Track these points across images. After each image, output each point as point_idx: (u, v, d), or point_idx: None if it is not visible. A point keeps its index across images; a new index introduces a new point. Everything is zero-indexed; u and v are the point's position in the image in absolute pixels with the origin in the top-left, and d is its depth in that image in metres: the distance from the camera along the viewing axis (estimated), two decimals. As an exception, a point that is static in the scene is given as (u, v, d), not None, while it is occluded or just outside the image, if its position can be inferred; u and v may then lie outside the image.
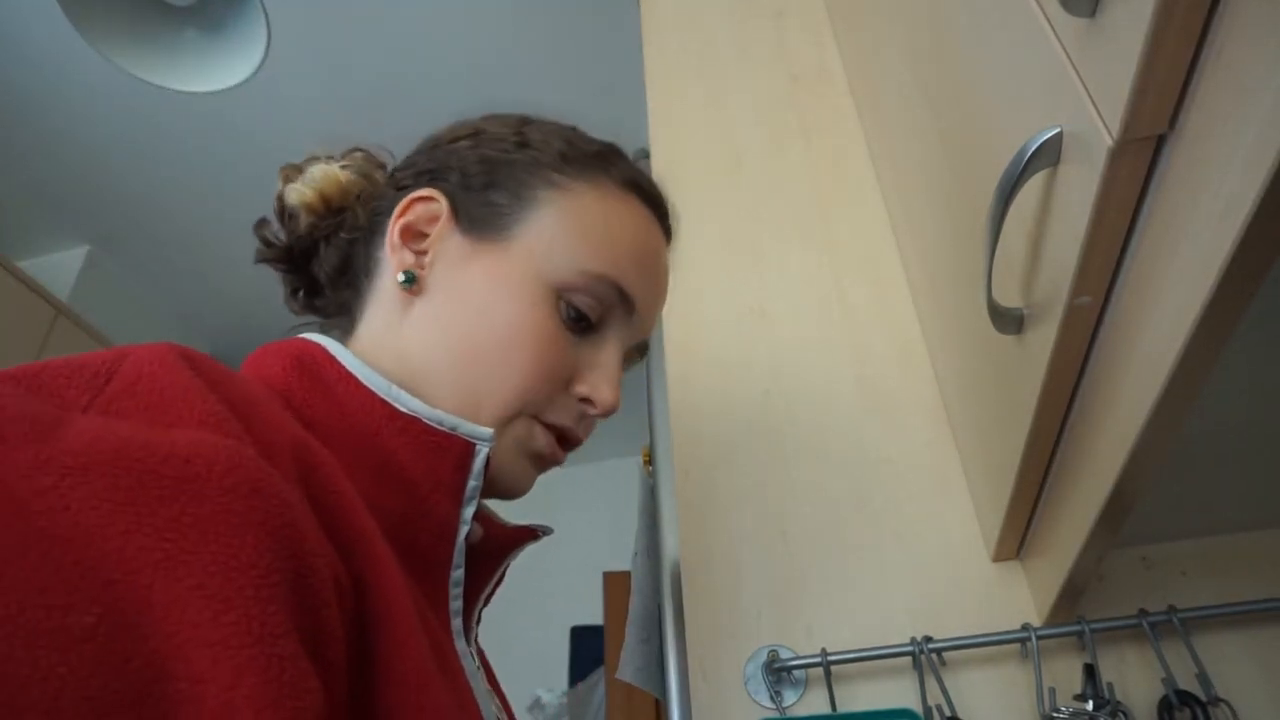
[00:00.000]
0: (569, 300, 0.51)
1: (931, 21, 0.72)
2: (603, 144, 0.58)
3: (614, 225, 0.54)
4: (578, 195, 0.53)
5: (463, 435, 0.46)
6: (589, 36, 1.96)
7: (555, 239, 0.51)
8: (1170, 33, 0.36)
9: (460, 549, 0.47)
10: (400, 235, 0.53)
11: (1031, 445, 0.60)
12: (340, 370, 0.47)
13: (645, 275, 0.55)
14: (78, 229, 2.43)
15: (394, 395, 0.46)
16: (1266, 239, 0.35)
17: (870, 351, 0.93)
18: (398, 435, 0.45)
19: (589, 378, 0.52)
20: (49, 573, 0.25)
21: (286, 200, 0.58)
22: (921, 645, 0.71)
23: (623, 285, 0.53)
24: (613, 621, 2.06)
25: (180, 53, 1.75)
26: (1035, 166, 0.47)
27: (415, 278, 0.52)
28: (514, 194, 0.53)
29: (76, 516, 0.27)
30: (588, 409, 0.53)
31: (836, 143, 1.10)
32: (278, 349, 0.48)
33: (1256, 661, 0.69)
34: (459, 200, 0.53)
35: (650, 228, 0.57)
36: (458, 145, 0.56)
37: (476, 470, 0.46)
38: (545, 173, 0.54)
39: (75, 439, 0.29)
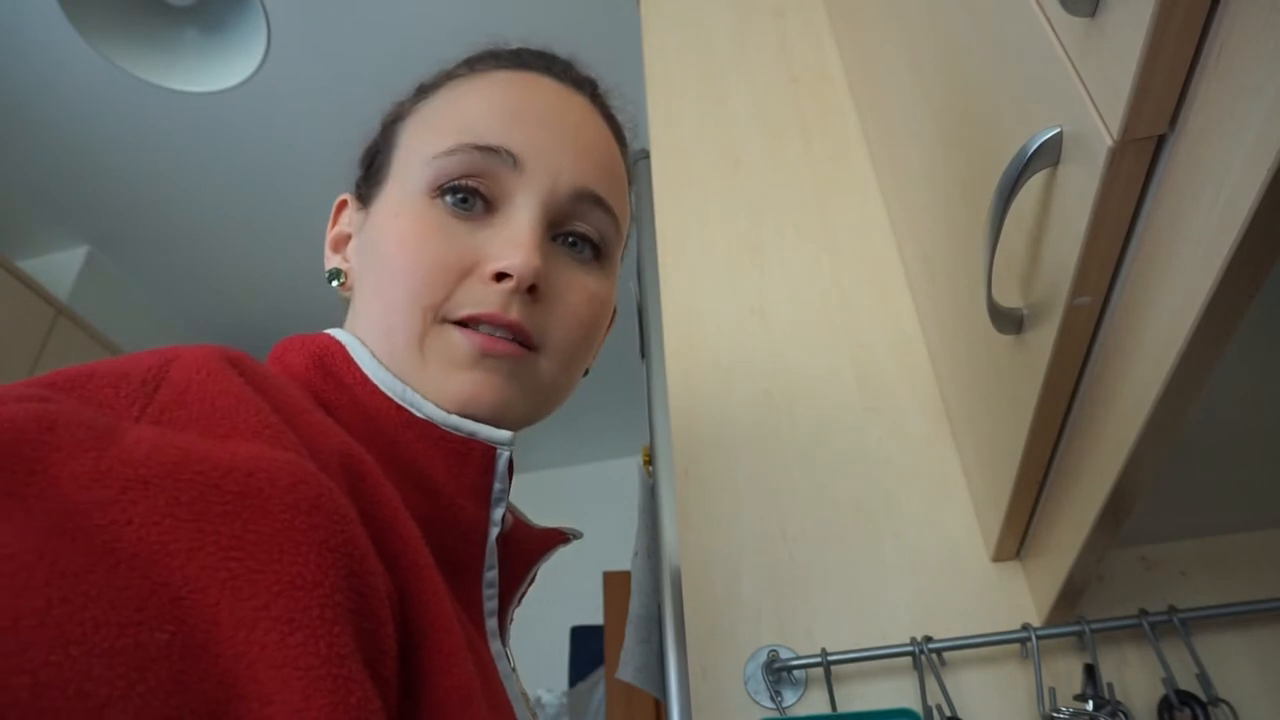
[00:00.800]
0: (440, 187, 0.47)
1: (931, 21, 0.72)
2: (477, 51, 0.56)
3: (462, 102, 0.51)
4: (429, 106, 0.52)
5: (482, 440, 0.45)
6: (589, 36, 1.96)
7: (409, 153, 0.50)
8: (1170, 33, 0.36)
9: (492, 550, 0.46)
10: (331, 245, 0.54)
11: (1031, 445, 0.60)
12: (357, 373, 0.45)
13: (519, 123, 0.49)
14: (78, 229, 2.43)
15: (408, 399, 0.45)
16: (1266, 239, 0.35)
17: (870, 351, 0.93)
18: (417, 440, 0.44)
19: (497, 249, 0.46)
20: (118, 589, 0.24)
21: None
22: (921, 645, 0.71)
23: (481, 142, 0.47)
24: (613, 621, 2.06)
25: (180, 53, 1.75)
26: (1035, 166, 0.47)
27: (340, 273, 0.53)
28: (383, 149, 0.53)
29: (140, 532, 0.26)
30: (506, 284, 0.46)
31: (836, 143, 1.10)
32: (302, 344, 0.47)
33: (1256, 661, 0.69)
34: (359, 186, 0.55)
35: (516, 80, 0.52)
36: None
37: (500, 473, 0.45)
38: (405, 111, 0.54)
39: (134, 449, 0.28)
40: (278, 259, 2.54)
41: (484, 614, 0.46)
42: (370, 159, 0.55)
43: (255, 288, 2.67)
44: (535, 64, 0.54)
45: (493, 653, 0.46)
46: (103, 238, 2.46)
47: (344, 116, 2.09)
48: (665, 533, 0.87)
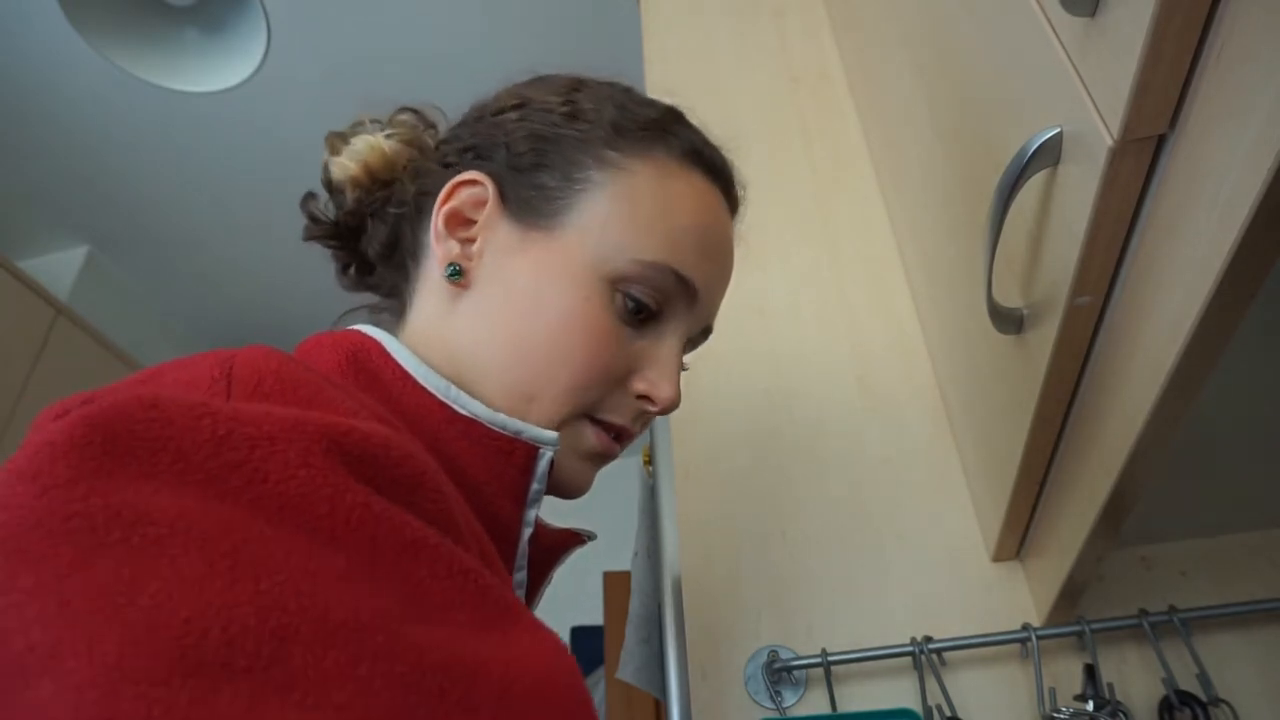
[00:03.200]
0: (625, 292, 0.48)
1: (931, 21, 0.72)
2: (660, 108, 0.54)
3: (673, 206, 0.50)
4: (632, 174, 0.50)
5: (526, 439, 0.45)
6: (589, 36, 1.96)
7: (609, 225, 0.48)
8: (1170, 33, 0.36)
9: (523, 551, 0.46)
10: (445, 223, 0.50)
11: (1031, 445, 0.60)
12: (397, 369, 0.45)
13: (707, 257, 0.51)
14: (78, 229, 2.43)
15: (453, 397, 0.45)
16: (1266, 239, 0.35)
17: (870, 351, 0.93)
18: (459, 438, 0.44)
19: (648, 374, 0.49)
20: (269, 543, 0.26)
21: (331, 174, 0.55)
22: (921, 645, 0.71)
23: (682, 272, 0.49)
24: (613, 621, 2.06)
25: (180, 53, 1.75)
26: (1035, 166, 0.47)
27: (461, 270, 0.49)
28: (564, 175, 0.50)
29: (278, 487, 0.27)
30: (646, 406, 0.50)
31: (836, 143, 1.10)
32: (332, 342, 0.46)
33: (1257, 661, 0.69)
34: (506, 183, 0.50)
35: (713, 203, 0.53)
36: (503, 118, 0.53)
37: (540, 474, 0.45)
38: (597, 150, 0.50)
39: (246, 414, 0.28)
40: (278, 259, 2.54)
41: None
42: (533, 164, 0.50)
43: (255, 288, 2.67)
44: (724, 182, 0.55)
45: None
46: (103, 238, 2.46)
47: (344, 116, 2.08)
48: (665, 533, 0.87)
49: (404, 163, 0.55)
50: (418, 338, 0.50)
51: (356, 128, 0.57)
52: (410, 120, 0.57)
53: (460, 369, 0.48)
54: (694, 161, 0.53)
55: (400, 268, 0.54)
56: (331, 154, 0.56)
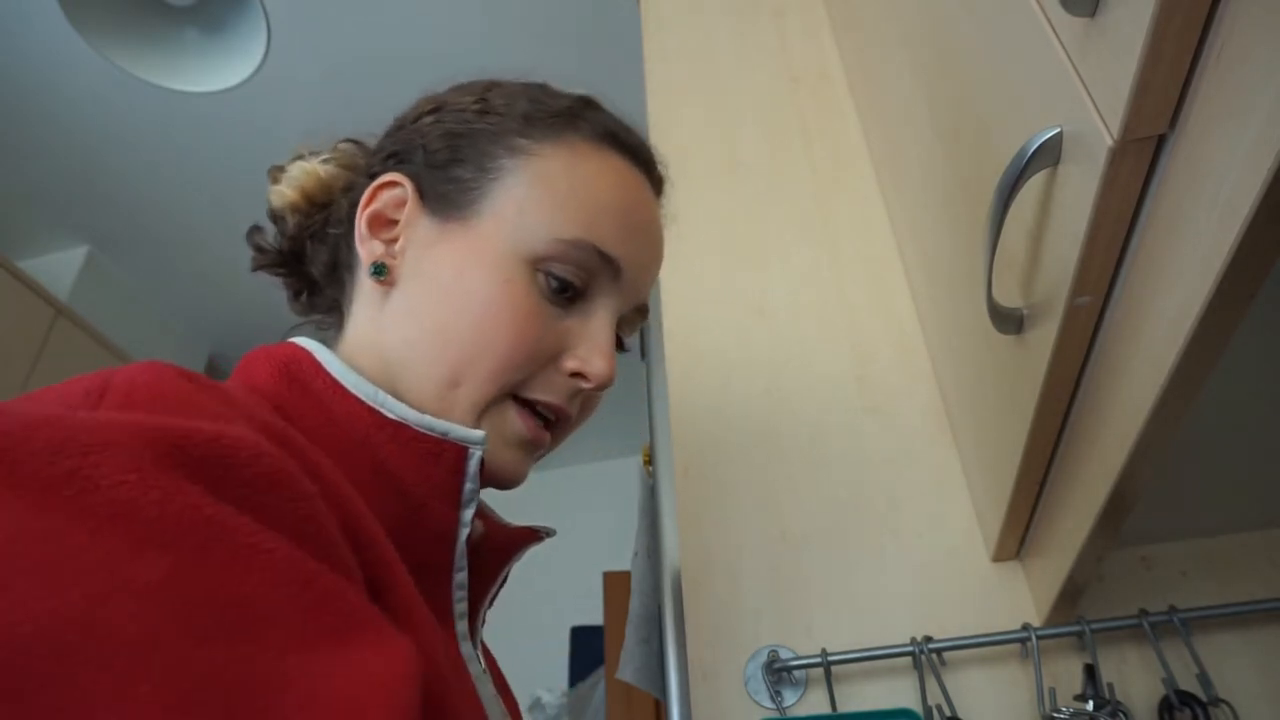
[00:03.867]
0: (547, 271, 0.48)
1: (931, 21, 0.72)
2: (573, 97, 0.55)
3: (587, 185, 0.51)
4: (546, 159, 0.51)
5: (454, 440, 0.45)
6: (589, 36, 1.96)
7: (525, 208, 0.49)
8: (1170, 33, 0.36)
9: (462, 552, 0.46)
10: (368, 226, 0.51)
11: (1031, 445, 0.60)
12: (326, 378, 0.46)
13: (629, 234, 0.52)
14: (78, 229, 2.43)
15: (380, 401, 0.45)
16: (1266, 239, 0.35)
17: (870, 351, 0.93)
18: (387, 442, 0.44)
19: (578, 351, 0.50)
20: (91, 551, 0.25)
21: (272, 204, 0.57)
22: (921, 645, 0.71)
23: (603, 248, 0.50)
24: (613, 621, 2.06)
25: (180, 53, 1.75)
26: (1035, 166, 0.47)
27: (385, 268, 0.50)
28: (478, 166, 0.51)
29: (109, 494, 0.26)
30: (581, 383, 0.50)
31: (836, 143, 1.10)
32: (267, 355, 0.48)
33: (1257, 661, 0.69)
34: (424, 181, 0.51)
35: (631, 180, 0.54)
36: (420, 122, 0.54)
37: (472, 473, 0.45)
38: (509, 139, 0.51)
39: (89, 421, 0.28)
40: (278, 259, 2.53)
41: (454, 617, 0.46)
42: (447, 159, 0.52)
43: (255, 288, 2.66)
44: (644, 161, 0.55)
45: (464, 656, 0.46)
46: (103, 238, 2.46)
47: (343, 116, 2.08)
48: (665, 533, 0.87)
49: (341, 184, 0.56)
50: (354, 345, 0.51)
51: (296, 157, 0.58)
52: (349, 149, 0.59)
53: (392, 369, 0.48)
54: (609, 143, 0.53)
55: (340, 283, 0.56)
56: (272, 184, 0.57)
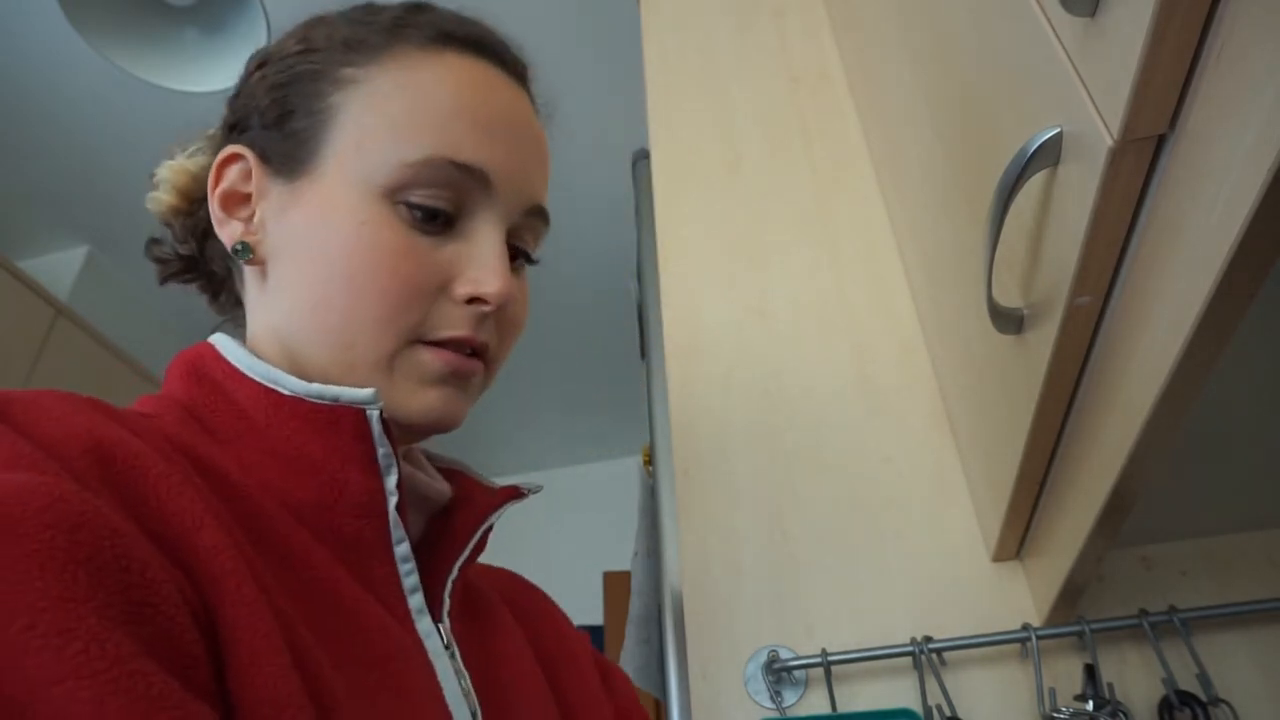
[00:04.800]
0: (406, 201, 0.45)
1: (931, 21, 0.72)
2: (399, 6, 0.50)
3: (425, 95, 0.46)
4: (375, 81, 0.46)
5: (346, 403, 0.42)
6: (589, 37, 1.96)
7: (363, 142, 0.45)
8: (1170, 33, 0.36)
9: (395, 522, 0.44)
10: (222, 207, 0.48)
11: (1031, 445, 0.60)
12: (227, 367, 0.45)
13: (488, 134, 0.47)
14: (78, 229, 2.43)
15: (275, 379, 0.43)
16: (1266, 239, 0.35)
17: (870, 351, 0.93)
18: (288, 420, 0.43)
19: (468, 274, 0.46)
20: None
21: (152, 212, 0.54)
22: (921, 645, 0.71)
23: (458, 159, 0.45)
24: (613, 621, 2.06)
25: (180, 53, 1.75)
26: (1035, 166, 0.47)
27: (248, 247, 0.47)
28: (308, 112, 0.47)
29: None
30: (480, 308, 0.46)
31: (836, 143, 1.10)
32: (181, 359, 0.47)
33: (1257, 661, 0.69)
34: (263, 144, 0.48)
35: (481, 76, 0.48)
36: (250, 83, 0.50)
37: (378, 435, 0.42)
38: (335, 72, 0.47)
39: None
40: (278, 259, 2.54)
41: (403, 591, 0.44)
42: (279, 114, 0.48)
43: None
44: (489, 51, 0.50)
45: (420, 631, 0.44)
46: (103, 238, 2.46)
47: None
48: (665, 533, 0.87)
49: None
50: (254, 333, 0.49)
51: (165, 160, 0.56)
52: (217, 136, 0.55)
53: (289, 347, 0.46)
54: (442, 42, 0.48)
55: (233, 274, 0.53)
56: (151, 192, 0.55)
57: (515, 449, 3.30)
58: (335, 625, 0.39)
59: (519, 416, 3.10)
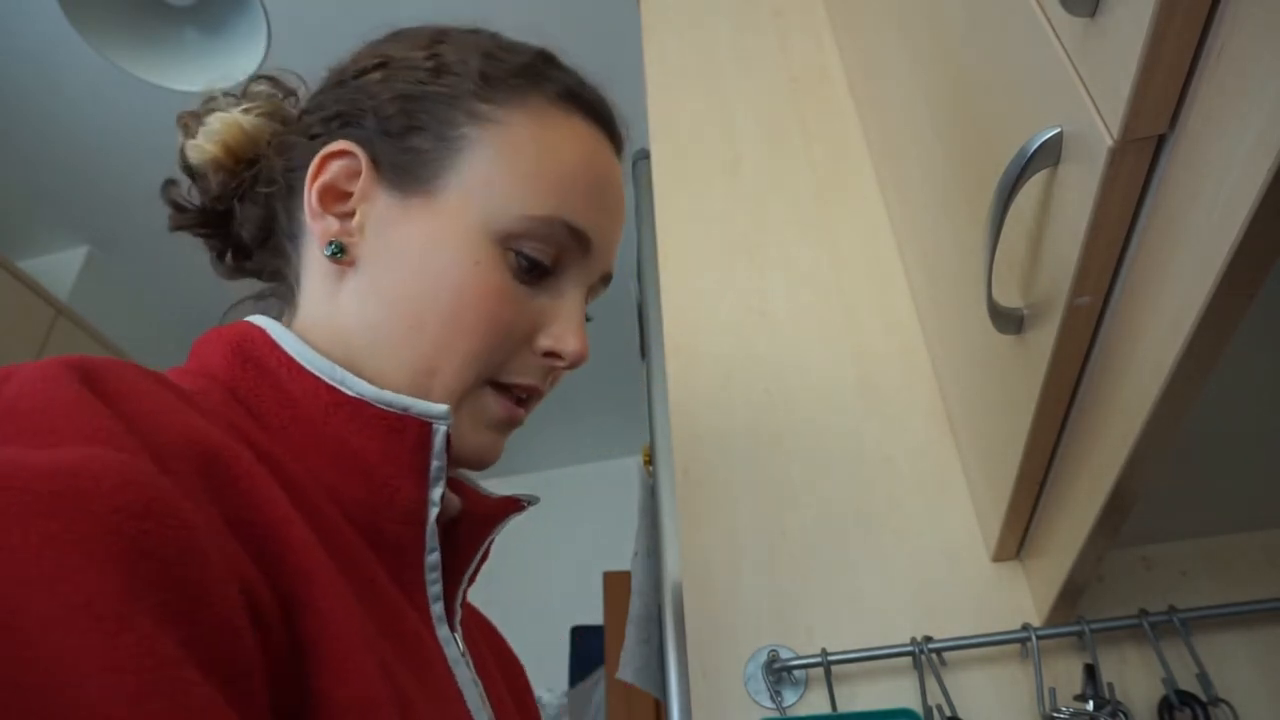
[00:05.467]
0: (518, 250, 0.46)
1: (931, 22, 0.72)
2: (530, 51, 0.52)
3: (555, 154, 0.48)
4: (509, 127, 0.48)
5: (416, 415, 0.43)
6: (589, 37, 1.96)
7: (492, 184, 0.46)
8: (1170, 33, 0.36)
9: (433, 532, 0.44)
10: (319, 200, 0.47)
11: (1031, 445, 0.60)
12: (282, 356, 0.44)
13: (598, 203, 0.49)
14: (78, 229, 2.43)
15: (339, 378, 0.43)
16: (1266, 239, 0.35)
17: (870, 351, 0.93)
18: (348, 421, 0.42)
19: (552, 329, 0.48)
20: None
21: (189, 159, 0.53)
22: (921, 645, 0.71)
23: (574, 223, 0.48)
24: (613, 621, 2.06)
25: (180, 53, 1.75)
26: (1035, 166, 0.47)
27: (344, 248, 0.47)
28: (438, 135, 0.47)
29: None
30: (555, 363, 0.49)
31: (836, 143, 1.10)
32: (219, 336, 0.46)
33: (1257, 661, 0.69)
34: (378, 150, 0.48)
35: (597, 145, 0.51)
36: (367, 80, 0.50)
37: (438, 450, 0.43)
38: (468, 103, 0.48)
39: None
40: (278, 259, 2.54)
41: (428, 599, 0.45)
42: (404, 126, 0.48)
43: (255, 287, 2.67)
44: (606, 122, 0.53)
45: (440, 639, 0.44)
46: (103, 238, 2.46)
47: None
48: (665, 532, 0.87)
49: (267, 138, 0.52)
50: (308, 323, 0.48)
51: (209, 104, 0.53)
52: (267, 90, 0.55)
53: (354, 350, 0.46)
54: (572, 104, 0.50)
55: (279, 251, 0.52)
56: (186, 136, 0.53)
57: (515, 449, 3.28)
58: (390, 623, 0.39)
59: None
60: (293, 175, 0.50)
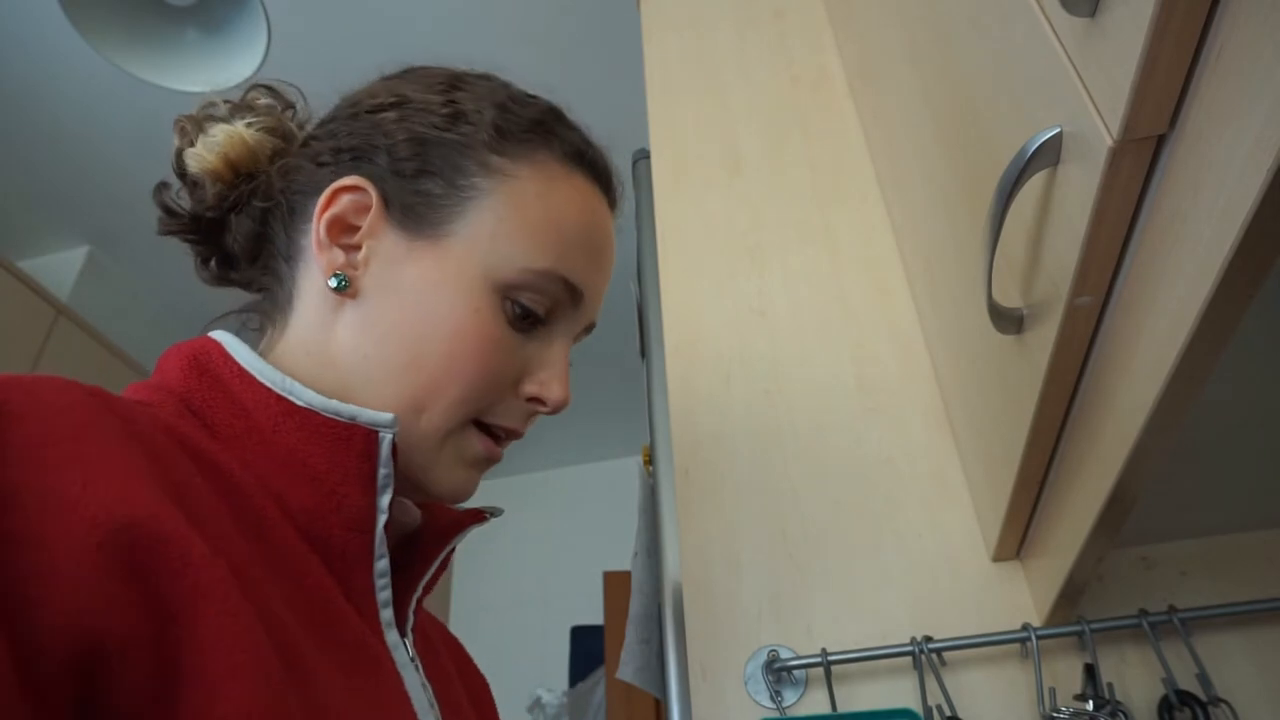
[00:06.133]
0: (515, 299, 0.48)
1: (931, 21, 0.72)
2: (541, 107, 0.54)
3: (559, 212, 0.50)
4: (518, 180, 0.50)
5: (363, 424, 0.44)
6: (589, 36, 1.96)
7: (497, 235, 0.48)
8: (1170, 33, 0.36)
9: (380, 539, 0.45)
10: (327, 231, 0.49)
11: (1031, 445, 0.60)
12: (235, 367, 0.45)
13: (592, 260, 0.52)
14: (78, 229, 2.43)
15: (288, 388, 0.44)
16: (1266, 239, 0.35)
17: (870, 351, 0.93)
18: (297, 429, 0.44)
19: (539, 376, 0.50)
20: None
21: (187, 165, 0.53)
22: (921, 645, 0.71)
23: (570, 278, 0.50)
24: (613, 621, 2.06)
25: (180, 53, 1.75)
26: (1035, 166, 0.47)
27: (348, 280, 0.48)
28: (449, 182, 0.49)
29: None
30: (538, 408, 0.51)
31: (836, 143, 1.10)
32: (178, 350, 0.47)
33: (1256, 661, 0.69)
34: (389, 188, 0.49)
35: (596, 205, 0.54)
36: (382, 116, 0.51)
37: (384, 457, 0.44)
38: (481, 154, 0.50)
39: None
40: (278, 259, 2.53)
41: (377, 605, 0.45)
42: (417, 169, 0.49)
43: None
44: (605, 182, 0.55)
45: (389, 644, 0.45)
46: (103, 238, 2.46)
47: (344, 116, 2.08)
48: (665, 532, 0.87)
49: (268, 153, 0.53)
50: (298, 345, 0.49)
51: (208, 109, 0.54)
52: (268, 103, 0.56)
53: (345, 379, 0.47)
54: (577, 163, 0.53)
55: (271, 269, 0.53)
56: (184, 142, 0.53)
57: (516, 449, 3.28)
58: (328, 630, 0.40)
59: (519, 416, 3.09)
60: (295, 198, 0.51)
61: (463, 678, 0.59)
